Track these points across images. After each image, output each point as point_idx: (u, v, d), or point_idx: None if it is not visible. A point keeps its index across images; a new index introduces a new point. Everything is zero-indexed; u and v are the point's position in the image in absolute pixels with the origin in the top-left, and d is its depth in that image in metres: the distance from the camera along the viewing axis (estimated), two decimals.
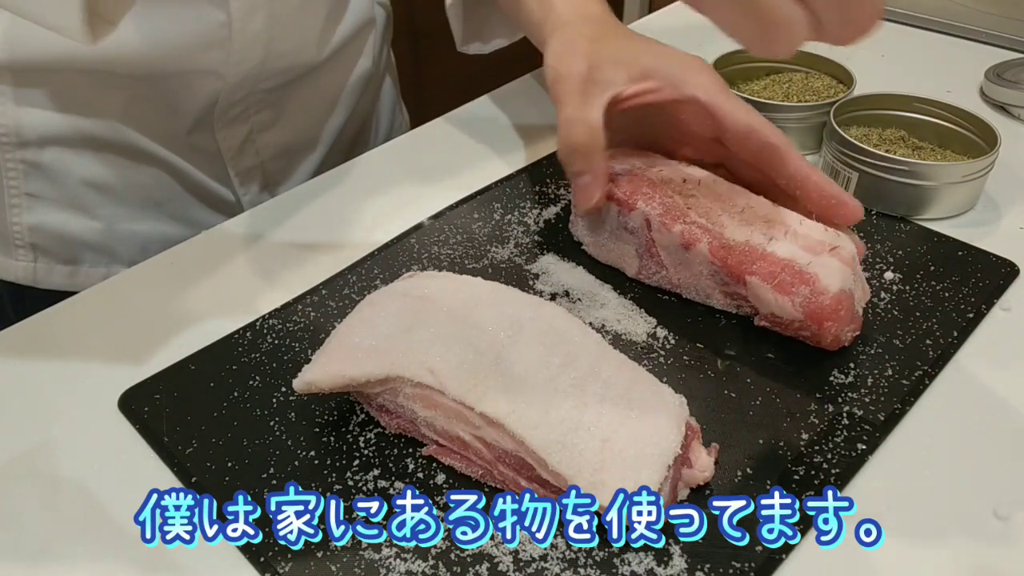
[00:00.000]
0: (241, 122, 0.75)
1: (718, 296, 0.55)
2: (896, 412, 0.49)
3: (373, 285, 0.59)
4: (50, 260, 0.74)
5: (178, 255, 0.63)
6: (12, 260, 0.73)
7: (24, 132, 0.68)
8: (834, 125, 0.66)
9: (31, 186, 0.70)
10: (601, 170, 0.56)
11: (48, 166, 0.70)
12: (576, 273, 0.60)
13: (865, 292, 0.54)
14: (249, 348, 0.54)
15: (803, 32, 0.38)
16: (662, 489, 0.41)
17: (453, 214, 0.66)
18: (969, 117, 0.67)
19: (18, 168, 0.69)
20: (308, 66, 0.75)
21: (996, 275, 0.58)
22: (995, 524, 0.43)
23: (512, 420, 0.42)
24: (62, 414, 0.51)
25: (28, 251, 0.73)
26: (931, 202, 0.63)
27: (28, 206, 0.71)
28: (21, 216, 0.71)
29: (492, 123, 0.79)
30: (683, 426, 0.44)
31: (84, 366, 0.54)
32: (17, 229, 0.72)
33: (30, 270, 0.74)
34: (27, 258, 0.73)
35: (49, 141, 0.69)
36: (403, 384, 0.45)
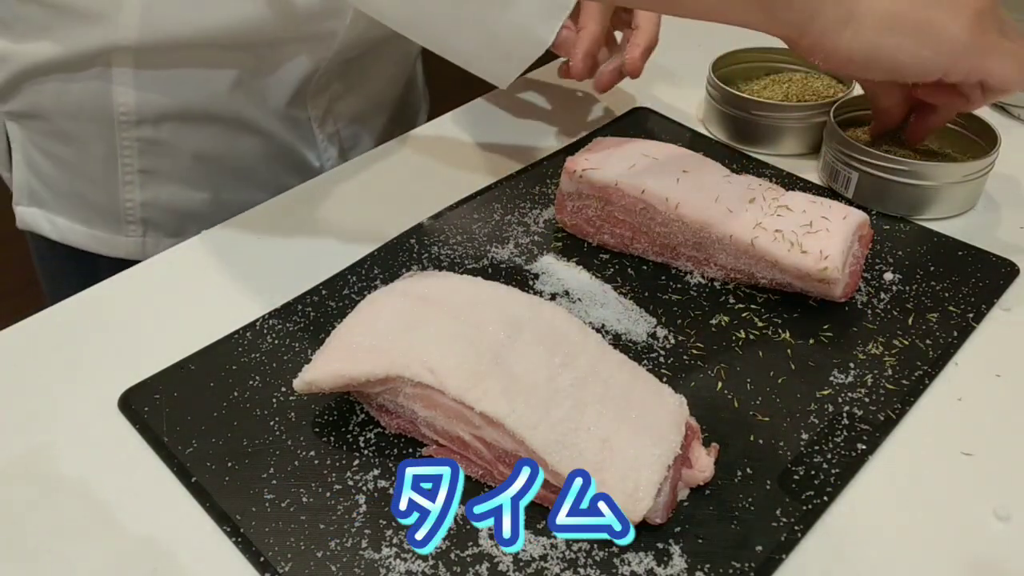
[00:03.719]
0: (324, 92, 0.78)
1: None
2: (896, 412, 0.49)
3: (373, 285, 0.59)
4: (158, 233, 0.77)
5: (178, 255, 0.63)
6: (122, 236, 0.76)
7: (143, 111, 0.71)
8: (834, 125, 0.66)
9: (145, 162, 0.73)
10: None
11: (161, 142, 0.73)
12: (576, 273, 0.60)
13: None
14: (249, 348, 0.54)
15: None
16: (662, 489, 0.41)
17: (453, 214, 0.66)
18: (969, 117, 0.67)
19: (134, 146, 0.72)
20: (383, 37, 0.77)
21: (996, 275, 0.58)
22: (995, 524, 0.43)
23: (512, 420, 0.42)
24: (62, 414, 0.51)
25: (138, 226, 0.76)
26: (931, 202, 0.63)
27: (141, 183, 0.74)
28: (134, 193, 0.74)
29: (492, 123, 0.79)
30: (683, 426, 0.44)
31: (84, 366, 0.54)
32: (130, 206, 0.75)
33: (139, 244, 0.77)
34: (136, 233, 0.76)
35: (164, 118, 0.72)
36: (403, 384, 0.45)
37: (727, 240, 0.55)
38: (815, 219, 0.55)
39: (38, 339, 0.56)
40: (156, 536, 0.44)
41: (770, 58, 0.77)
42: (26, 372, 0.54)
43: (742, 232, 0.55)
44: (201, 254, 0.63)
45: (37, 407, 0.51)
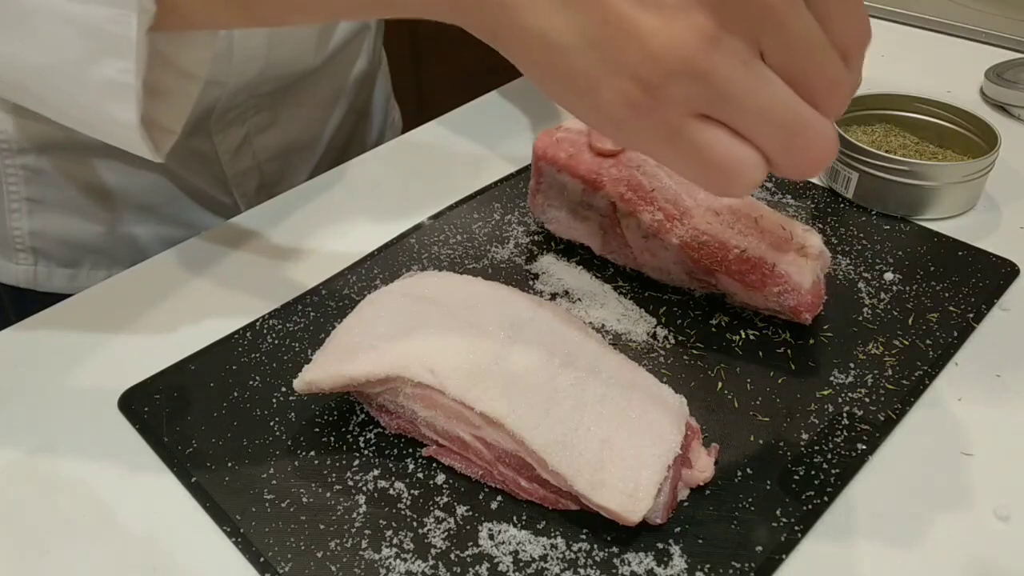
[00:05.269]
0: (238, 125, 0.75)
1: (683, 278, 0.56)
2: (896, 412, 0.49)
3: (373, 285, 0.59)
4: (51, 263, 0.74)
5: (178, 255, 0.63)
6: (12, 264, 0.74)
7: (22, 139, 0.68)
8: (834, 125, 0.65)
9: (31, 191, 0.71)
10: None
11: (47, 172, 0.70)
12: (576, 273, 0.60)
13: (826, 262, 0.54)
14: (249, 348, 0.54)
15: (758, 172, 0.34)
16: (662, 489, 0.41)
17: (453, 214, 0.66)
18: (969, 117, 0.67)
19: (18, 174, 0.70)
20: (306, 71, 0.75)
21: (996, 275, 0.58)
22: (995, 524, 0.43)
23: (512, 420, 0.42)
24: (62, 414, 0.51)
25: (29, 254, 0.73)
26: (931, 202, 0.63)
27: (28, 211, 0.71)
28: (22, 221, 0.72)
29: (492, 123, 0.79)
30: (683, 426, 0.44)
31: (84, 366, 0.54)
32: (18, 233, 0.72)
33: (31, 273, 0.74)
34: (28, 261, 0.74)
35: (47, 148, 0.69)
36: (403, 384, 0.45)
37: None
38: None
39: (38, 339, 0.56)
40: (156, 536, 0.44)
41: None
42: (26, 372, 0.54)
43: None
44: (201, 254, 0.63)
45: (37, 407, 0.51)
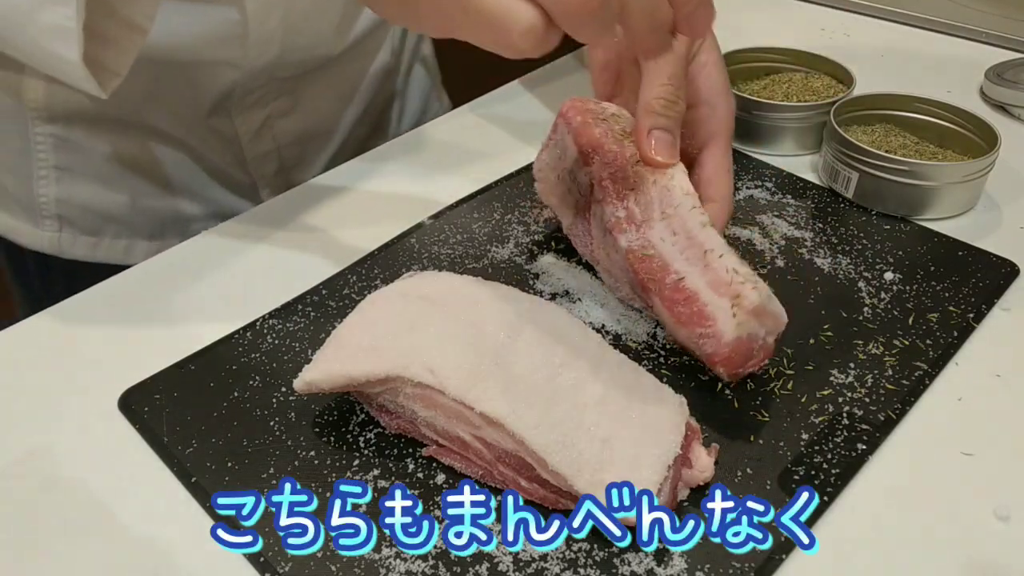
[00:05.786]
0: (259, 108, 0.77)
1: (627, 291, 0.54)
2: (896, 412, 0.49)
3: (373, 285, 0.59)
4: (75, 231, 0.77)
5: (178, 255, 0.63)
6: (39, 230, 0.76)
7: (53, 108, 0.70)
8: (834, 125, 0.66)
9: (59, 159, 0.73)
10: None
11: (76, 141, 0.72)
12: (576, 273, 0.60)
13: (777, 323, 0.48)
14: (249, 348, 0.54)
15: (528, 18, 0.35)
16: (662, 489, 0.41)
17: (453, 214, 0.66)
18: (969, 117, 0.67)
19: (47, 142, 0.72)
20: (325, 58, 0.77)
21: (996, 275, 0.58)
22: (995, 524, 0.43)
23: (512, 420, 0.42)
24: (62, 414, 0.51)
25: (54, 221, 0.76)
26: (931, 202, 0.63)
27: (56, 178, 0.74)
28: (49, 187, 0.74)
29: (492, 122, 0.79)
30: (683, 426, 0.44)
31: (84, 366, 0.54)
32: (44, 200, 0.75)
33: (55, 240, 0.77)
34: (52, 228, 0.76)
35: (76, 118, 0.71)
36: (403, 384, 0.45)
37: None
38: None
39: (38, 339, 0.56)
40: (156, 536, 0.44)
41: (770, 58, 0.77)
42: (26, 372, 0.54)
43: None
44: (201, 254, 0.63)
45: (37, 407, 0.51)
